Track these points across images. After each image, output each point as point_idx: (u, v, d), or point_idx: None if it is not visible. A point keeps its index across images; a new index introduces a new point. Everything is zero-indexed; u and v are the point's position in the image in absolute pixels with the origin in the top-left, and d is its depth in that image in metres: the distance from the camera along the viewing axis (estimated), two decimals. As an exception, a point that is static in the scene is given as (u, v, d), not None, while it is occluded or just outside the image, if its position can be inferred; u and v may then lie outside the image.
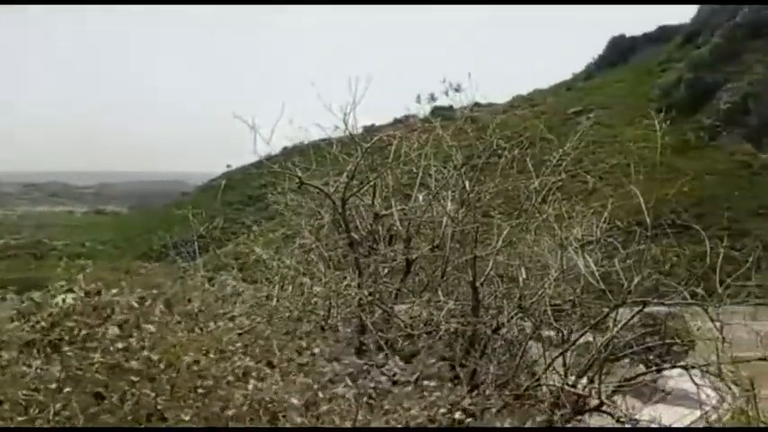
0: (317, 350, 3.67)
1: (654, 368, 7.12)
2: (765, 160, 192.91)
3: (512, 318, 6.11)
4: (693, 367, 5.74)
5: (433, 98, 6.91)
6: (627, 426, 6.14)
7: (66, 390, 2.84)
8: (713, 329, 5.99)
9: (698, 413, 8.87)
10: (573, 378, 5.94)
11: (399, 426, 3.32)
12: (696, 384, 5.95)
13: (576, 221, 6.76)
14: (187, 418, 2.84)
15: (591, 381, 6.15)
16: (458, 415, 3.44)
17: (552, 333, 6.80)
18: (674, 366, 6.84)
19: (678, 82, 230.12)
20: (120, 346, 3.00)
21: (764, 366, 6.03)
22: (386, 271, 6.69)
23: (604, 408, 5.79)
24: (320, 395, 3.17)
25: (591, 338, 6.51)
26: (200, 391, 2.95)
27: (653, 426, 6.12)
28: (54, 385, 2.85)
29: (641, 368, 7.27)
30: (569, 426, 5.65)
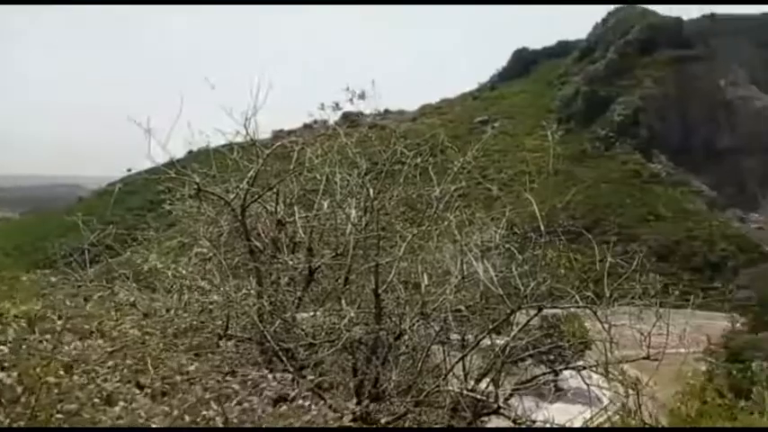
0: (192, 368, 3.52)
1: (551, 369, 7.38)
2: (654, 170, 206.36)
3: (414, 324, 6.17)
4: (584, 368, 6.00)
5: (338, 106, 6.89)
6: (524, 426, 6.33)
7: None
8: (606, 330, 6.29)
9: (593, 411, 9.25)
10: (472, 382, 6.07)
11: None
12: (586, 384, 6.22)
13: (477, 228, 6.92)
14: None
15: (490, 384, 6.31)
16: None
17: (455, 338, 6.93)
18: (567, 367, 7.11)
19: (576, 94, 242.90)
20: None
21: (649, 364, 6.38)
22: (288, 279, 6.59)
23: (502, 410, 5.95)
24: (186, 418, 3.03)
25: (491, 342, 6.67)
26: (60, 416, 2.72)
27: (548, 426, 6.35)
28: None
29: (542, 369, 7.53)
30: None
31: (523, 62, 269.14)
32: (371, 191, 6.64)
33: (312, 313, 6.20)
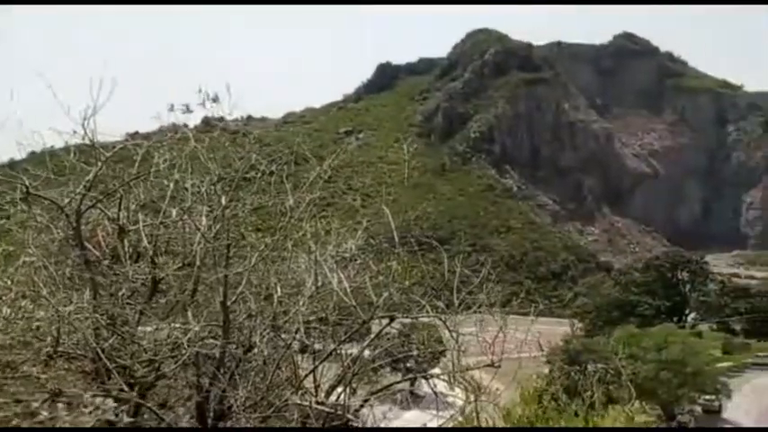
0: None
1: (405, 377, 7.50)
2: (506, 185, 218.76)
3: (265, 337, 5.99)
4: (432, 376, 6.15)
5: (188, 109, 6.56)
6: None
7: None
8: (454, 338, 6.48)
9: (446, 416, 9.50)
10: (323, 394, 6.00)
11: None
12: (434, 392, 6.39)
13: (333, 239, 6.89)
14: None
15: (342, 395, 6.28)
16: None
17: (309, 349, 6.83)
18: (419, 375, 7.25)
19: (436, 110, 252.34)
20: None
21: (510, 368, 6.68)
22: (129, 291, 6.16)
23: (354, 421, 5.94)
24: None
25: (344, 353, 6.65)
26: None
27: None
28: None
29: (398, 377, 7.62)
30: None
31: (387, 76, 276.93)
32: (224, 198, 6.39)
33: (155, 327, 5.83)
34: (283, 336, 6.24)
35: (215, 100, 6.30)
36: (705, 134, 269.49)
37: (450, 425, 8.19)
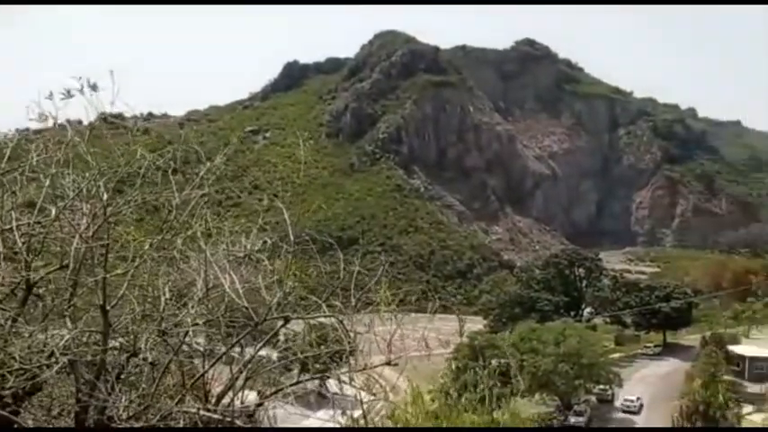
0: None
1: (310, 377, 7.35)
2: (414, 185, 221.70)
3: (150, 341, 5.67)
4: (329, 377, 6.03)
5: (69, 94, 6.08)
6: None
7: None
8: (352, 338, 6.40)
9: (355, 415, 9.43)
10: (213, 400, 5.75)
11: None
12: (339, 392, 6.26)
13: (225, 238, 6.62)
14: None
15: (235, 398, 6.05)
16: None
17: (198, 353, 6.54)
18: (323, 376, 7.11)
19: (345, 110, 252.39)
20: None
21: (419, 365, 6.66)
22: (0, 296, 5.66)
23: (247, 424, 5.72)
24: None
25: (237, 356, 6.42)
26: None
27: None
28: None
29: (303, 377, 7.46)
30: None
31: (294, 75, 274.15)
32: (105, 195, 5.99)
33: (29, 334, 5.38)
34: (171, 340, 5.92)
35: (94, 88, 5.88)
36: (599, 137, 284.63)
37: (349, 423, 8.13)
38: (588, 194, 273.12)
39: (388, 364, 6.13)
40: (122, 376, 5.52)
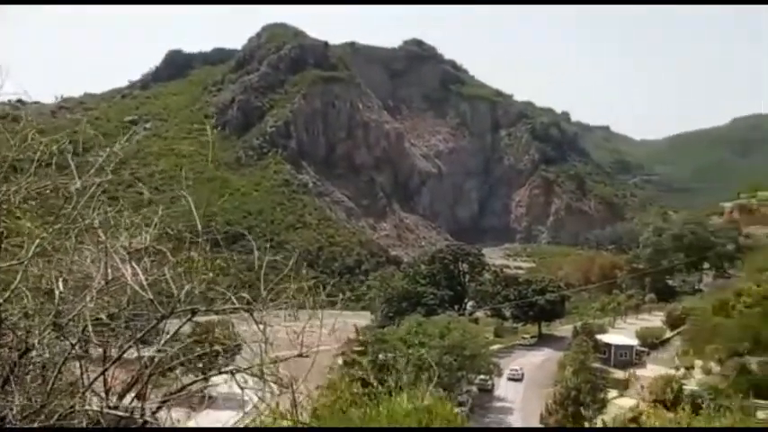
0: None
1: (201, 376, 7.12)
2: (302, 180, 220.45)
3: (45, 337, 5.28)
4: (238, 371, 5.88)
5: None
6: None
7: None
8: (259, 333, 6.28)
9: (241, 415, 9.29)
10: (115, 398, 5.45)
11: None
12: (241, 387, 6.11)
13: (125, 229, 6.28)
14: None
15: (136, 398, 5.76)
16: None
17: (99, 350, 6.17)
18: (220, 372, 6.93)
19: (232, 103, 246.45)
20: None
21: (305, 363, 6.60)
22: None
23: (149, 425, 5.46)
24: None
25: (138, 353, 6.12)
26: None
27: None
28: None
29: (192, 377, 7.20)
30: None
31: (178, 64, 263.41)
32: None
33: None
34: (67, 336, 5.55)
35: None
36: (482, 138, 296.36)
37: (247, 421, 7.99)
38: (471, 193, 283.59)
39: (300, 356, 6.09)
40: (13, 375, 5.11)
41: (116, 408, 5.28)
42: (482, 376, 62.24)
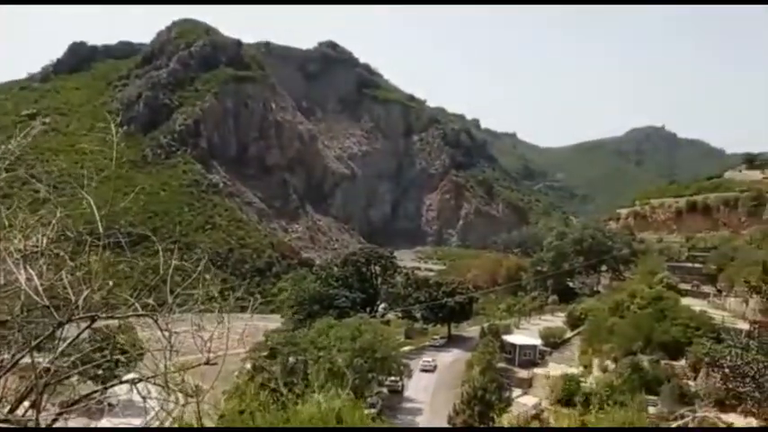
0: None
1: (102, 384, 6.84)
2: (212, 180, 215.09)
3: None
4: (141, 380, 5.71)
5: None
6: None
7: None
8: (164, 340, 6.12)
9: (145, 421, 8.99)
10: (7, 408, 5.17)
11: None
12: (143, 397, 5.94)
13: (19, 230, 5.97)
14: None
15: (31, 408, 5.48)
16: None
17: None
18: (121, 382, 6.70)
19: (138, 99, 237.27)
20: None
21: (212, 369, 6.48)
22: None
23: (46, 437, 5.21)
24: None
25: (32, 360, 5.81)
26: None
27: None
28: None
29: (90, 385, 6.91)
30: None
31: (81, 57, 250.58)
32: None
33: None
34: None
35: None
36: (395, 142, 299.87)
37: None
38: (384, 195, 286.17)
39: (207, 363, 5.98)
40: None
41: (7, 420, 5.01)
42: (392, 378, 62.83)
